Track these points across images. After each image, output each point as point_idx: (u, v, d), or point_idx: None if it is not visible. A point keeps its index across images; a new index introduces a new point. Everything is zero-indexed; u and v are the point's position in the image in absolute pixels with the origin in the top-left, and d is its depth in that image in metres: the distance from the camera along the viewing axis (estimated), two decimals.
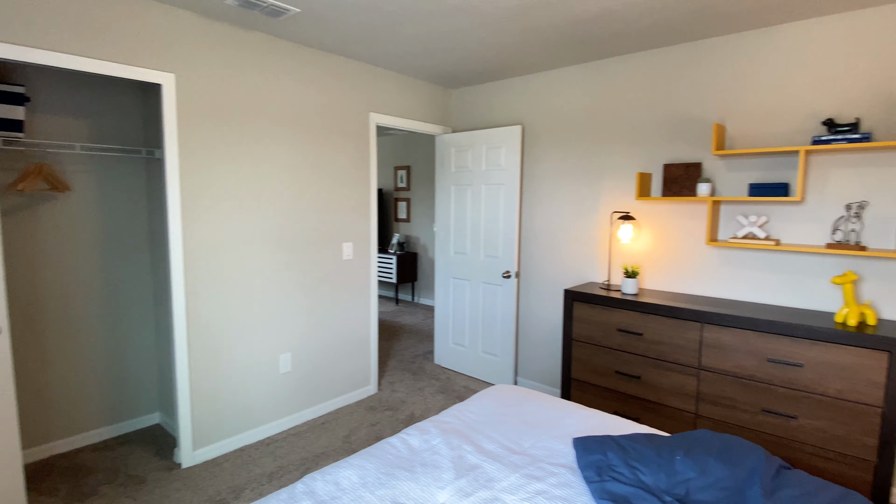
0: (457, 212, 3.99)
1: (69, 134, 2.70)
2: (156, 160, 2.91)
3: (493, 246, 3.74)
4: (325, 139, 3.18)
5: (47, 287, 2.68)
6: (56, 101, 2.65)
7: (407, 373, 4.10)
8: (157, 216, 2.94)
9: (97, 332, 2.88)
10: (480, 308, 3.88)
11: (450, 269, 4.08)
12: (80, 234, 2.77)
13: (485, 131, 3.72)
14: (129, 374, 3.03)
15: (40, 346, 2.68)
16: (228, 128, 2.70)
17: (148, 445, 2.87)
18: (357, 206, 3.43)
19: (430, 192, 6.58)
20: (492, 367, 3.84)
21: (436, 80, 3.83)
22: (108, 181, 2.86)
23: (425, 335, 5.24)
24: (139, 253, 3.02)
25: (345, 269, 3.39)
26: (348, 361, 3.47)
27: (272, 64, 2.86)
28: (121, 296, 2.96)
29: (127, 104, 2.91)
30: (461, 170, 3.92)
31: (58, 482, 2.49)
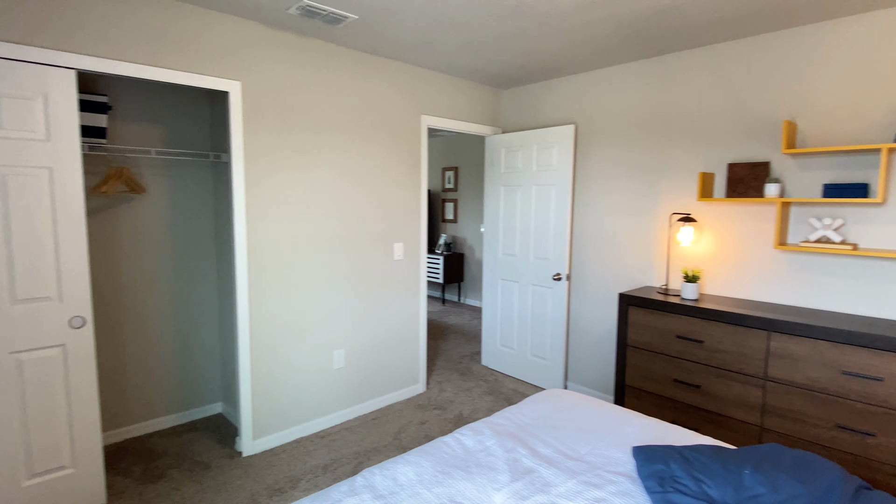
0: (506, 213, 3.97)
1: (145, 140, 2.89)
2: (222, 164, 3.07)
3: (544, 247, 3.69)
4: (378, 142, 3.25)
5: (124, 282, 2.89)
6: (134, 109, 2.85)
7: (454, 373, 4.12)
8: (223, 217, 3.11)
9: (168, 325, 3.07)
10: (529, 310, 3.85)
11: (498, 270, 4.07)
12: (153, 233, 2.97)
13: (536, 131, 3.69)
14: (195, 366, 3.21)
15: (117, 337, 2.89)
16: (288, 132, 2.81)
17: (212, 433, 3.03)
18: (408, 207, 3.48)
19: (477, 193, 6.58)
20: (541, 371, 3.79)
21: (486, 81, 3.83)
22: (179, 184, 3.05)
23: (472, 336, 5.24)
24: (205, 251, 3.19)
25: (396, 269, 3.45)
26: (398, 359, 3.53)
27: (329, 70, 2.96)
28: (188, 292, 3.14)
29: (196, 111, 3.09)
30: (511, 170, 3.90)
31: (132, 464, 2.68)
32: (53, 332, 2.13)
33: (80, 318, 2.19)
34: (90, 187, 2.69)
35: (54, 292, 2.12)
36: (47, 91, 2.05)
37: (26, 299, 2.05)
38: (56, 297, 2.13)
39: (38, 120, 2.04)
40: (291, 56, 2.79)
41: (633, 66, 3.25)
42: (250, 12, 2.50)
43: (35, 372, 2.10)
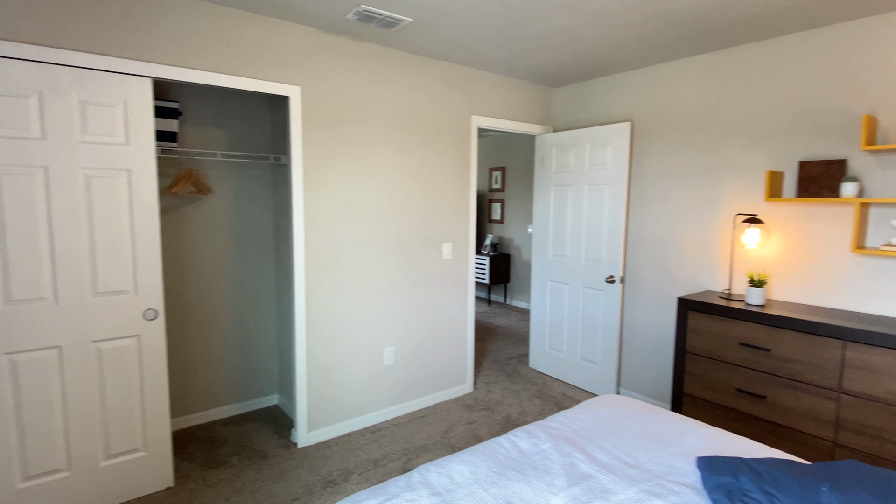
0: (556, 213, 3.91)
1: (211, 143, 3.05)
2: (281, 166, 3.19)
3: (596, 249, 3.61)
4: (428, 143, 3.28)
5: (191, 278, 3.05)
6: (201, 114, 3.01)
7: (502, 374, 4.10)
8: (281, 216, 3.23)
9: (229, 319, 3.22)
10: (580, 313, 3.77)
11: (547, 271, 4.01)
12: (217, 232, 3.13)
13: (589, 129, 3.61)
14: (254, 359, 3.35)
15: (184, 329, 3.06)
16: (343, 134, 2.89)
17: (268, 424, 3.15)
18: (457, 207, 3.50)
19: (525, 193, 6.52)
20: (591, 376, 3.71)
21: (538, 80, 3.79)
22: (241, 185, 3.19)
23: (519, 338, 5.20)
24: (265, 249, 3.33)
25: (444, 269, 3.47)
26: (446, 358, 3.55)
27: (382, 73, 3.01)
28: (249, 288, 3.29)
29: (258, 115, 3.22)
30: (562, 170, 3.83)
31: (196, 450, 2.83)
32: (129, 324, 2.28)
33: (153, 310, 2.33)
34: (162, 188, 2.87)
35: (131, 286, 2.27)
36: (127, 98, 2.20)
37: (106, 292, 2.21)
38: (132, 290, 2.28)
39: (118, 125, 2.19)
40: (347, 60, 2.86)
41: (694, 60, 3.12)
42: (310, 19, 2.58)
43: (113, 360, 2.26)
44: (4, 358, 2.02)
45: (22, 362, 2.05)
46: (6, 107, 1.94)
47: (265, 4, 2.40)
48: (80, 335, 2.16)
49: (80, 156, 2.10)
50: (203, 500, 2.35)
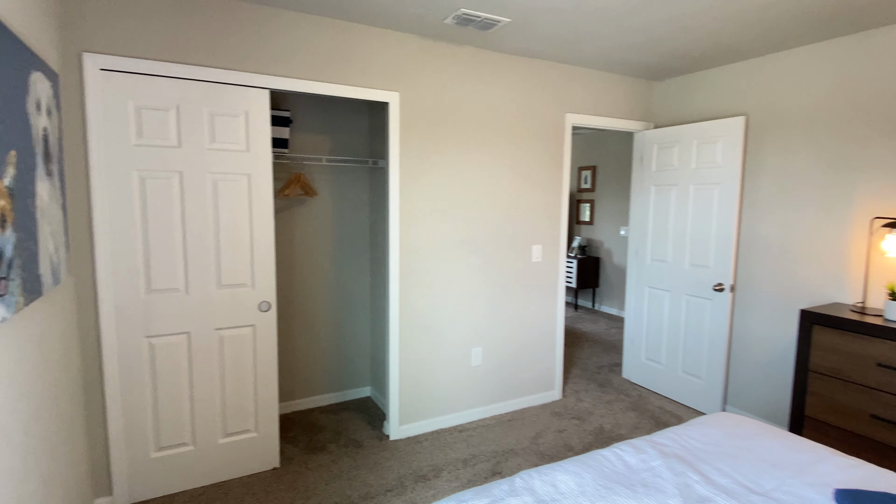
0: (656, 215, 3.69)
1: (315, 148, 3.25)
2: (377, 169, 3.32)
3: (703, 254, 3.35)
4: (520, 143, 3.24)
5: (296, 274, 3.27)
6: (307, 122, 3.21)
7: (592, 383, 3.94)
8: (376, 217, 3.36)
9: (328, 314, 3.41)
10: (682, 322, 3.52)
11: (645, 277, 3.80)
12: (320, 231, 3.32)
13: (696, 125, 3.36)
14: (349, 352, 3.52)
15: (289, 321, 3.28)
16: (437, 137, 2.94)
17: (362, 414, 3.29)
18: (548, 208, 3.42)
19: (617, 193, 6.23)
20: (694, 390, 3.45)
21: (637, 74, 3.60)
22: (341, 188, 3.36)
23: (609, 345, 4.97)
24: (361, 249, 3.48)
25: (533, 271, 3.41)
26: (534, 363, 3.48)
27: (476, 75, 3.02)
28: (346, 284, 3.45)
29: (356, 121, 3.38)
30: (664, 168, 3.61)
31: (298, 434, 3.02)
32: (246, 314, 2.49)
33: (267, 302, 2.52)
34: (275, 192, 3.10)
35: (249, 280, 2.48)
36: (248, 109, 2.40)
37: (228, 285, 2.43)
38: (250, 283, 2.48)
39: (240, 134, 2.40)
40: (443, 64, 2.91)
41: (820, 47, 2.78)
42: (410, 26, 2.66)
43: (232, 347, 2.47)
44: (144, 341, 2.29)
45: (158, 345, 2.31)
46: (152, 119, 2.20)
47: (369, 14, 2.51)
48: (206, 323, 2.40)
49: (209, 162, 2.33)
50: (305, 483, 2.50)
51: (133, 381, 2.27)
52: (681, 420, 3.29)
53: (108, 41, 2.10)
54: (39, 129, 1.58)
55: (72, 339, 2.03)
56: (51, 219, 1.70)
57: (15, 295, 1.29)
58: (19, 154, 1.36)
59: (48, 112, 1.71)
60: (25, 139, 1.43)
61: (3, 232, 1.22)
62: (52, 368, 1.71)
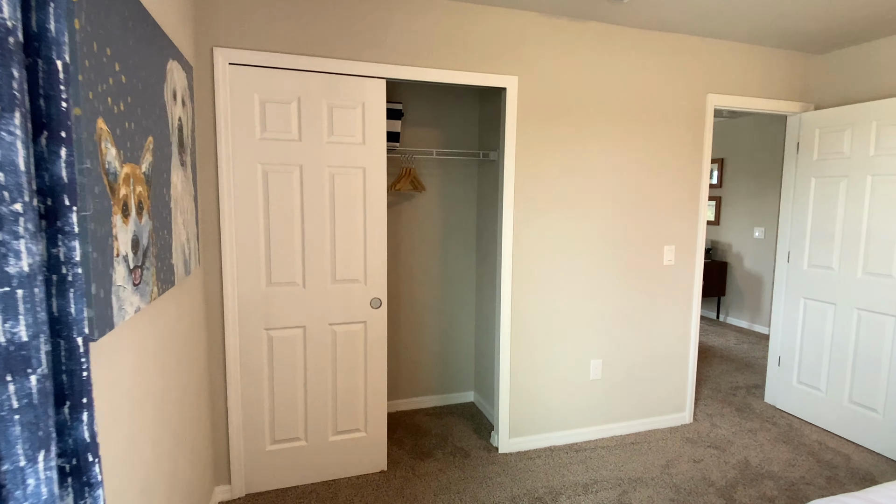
0: (818, 212, 3.09)
1: (425, 142, 3.14)
2: (487, 163, 3.14)
3: (884, 260, 2.73)
4: (651, 129, 2.86)
5: (403, 272, 3.19)
6: (418, 115, 3.12)
7: (728, 407, 3.42)
8: (484, 214, 3.17)
9: (434, 313, 3.30)
10: (852, 342, 2.90)
11: (800, 285, 3.20)
12: (427, 228, 3.21)
13: (877, 104, 2.74)
14: (453, 354, 3.37)
15: (395, 319, 3.21)
16: (557, 125, 2.68)
17: (467, 421, 3.13)
18: (683, 204, 2.99)
19: (750, 189, 5.47)
20: (865, 425, 2.82)
21: (794, 45, 3.04)
22: (449, 182, 3.23)
23: (742, 363, 4.33)
24: (467, 247, 3.32)
25: (664, 276, 3.00)
26: (661, 380, 3.07)
27: (602, 54, 2.71)
28: (452, 283, 3.31)
29: (466, 113, 3.22)
30: (830, 156, 3.01)
31: (404, 436, 2.92)
32: (359, 310, 2.43)
33: (378, 299, 2.44)
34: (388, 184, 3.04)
35: (361, 275, 2.41)
36: (365, 100, 2.33)
37: (342, 280, 2.38)
38: (362, 279, 2.42)
39: (357, 126, 2.33)
40: (565, 43, 2.64)
41: None
42: (530, 2, 2.43)
43: (344, 343, 2.42)
44: (264, 334, 2.30)
45: (276, 338, 2.32)
46: (276, 112, 2.21)
47: None
48: (321, 317, 2.37)
49: (327, 155, 2.30)
50: (413, 491, 2.38)
51: (252, 373, 2.30)
52: (849, 460, 2.70)
53: (237, 36, 2.13)
54: (175, 118, 1.59)
55: (199, 328, 2.08)
56: (183, 209, 1.73)
57: (149, 284, 1.27)
58: (156, 141, 1.35)
59: (182, 102, 1.74)
60: (162, 127, 1.43)
61: (139, 219, 1.19)
62: (182, 357, 1.74)
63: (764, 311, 5.36)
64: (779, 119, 5.14)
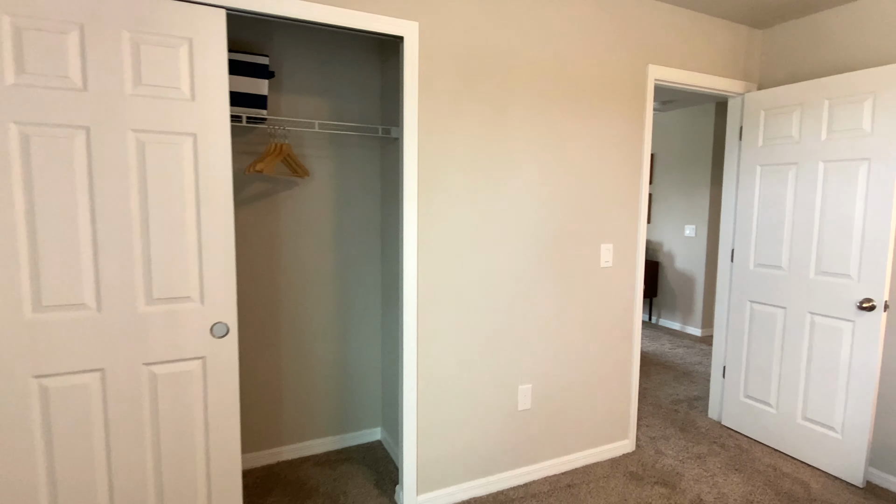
0: (765, 204, 2.74)
1: (309, 112, 2.44)
2: (392, 142, 2.50)
3: (839, 258, 2.40)
4: (587, 104, 2.36)
5: (283, 285, 2.47)
6: (298, 78, 2.41)
7: (671, 426, 3.01)
8: (390, 210, 2.53)
9: (327, 336, 2.60)
10: (805, 351, 2.57)
11: (746, 287, 2.85)
12: (315, 226, 2.51)
13: (829, 80, 2.41)
14: (354, 384, 2.70)
15: (272, 348, 2.48)
16: (474, 92, 2.10)
17: (368, 469, 2.46)
18: (621, 195, 2.53)
19: (681, 186, 5.25)
20: (822, 445, 2.49)
21: (735, 17, 2.68)
22: (346, 167, 2.55)
23: (680, 372, 4.01)
24: (370, 251, 2.66)
25: (602, 280, 2.52)
26: (601, 403, 2.59)
27: (530, 8, 2.17)
28: (350, 299, 2.64)
29: (366, 79, 2.57)
30: (777, 141, 2.67)
31: (280, 500, 2.21)
32: (192, 342, 1.69)
33: (224, 325, 1.72)
34: (244, 167, 2.30)
35: (195, 292, 1.68)
36: (192, 36, 1.61)
37: (164, 299, 1.63)
38: (197, 297, 1.68)
39: (180, 73, 1.61)
40: None
41: None
42: None
43: (170, 390, 1.67)
44: (33, 384, 1.51)
45: (54, 390, 1.53)
46: (41, 44, 1.43)
47: None
48: (131, 355, 1.60)
49: (132, 113, 1.55)
50: None
51: (11, 448, 1.49)
52: (809, 489, 2.34)
53: None
54: None
55: None
56: None
57: None
58: None
59: None
60: None
61: None
62: None
63: (696, 313, 5.16)
64: (708, 111, 4.95)
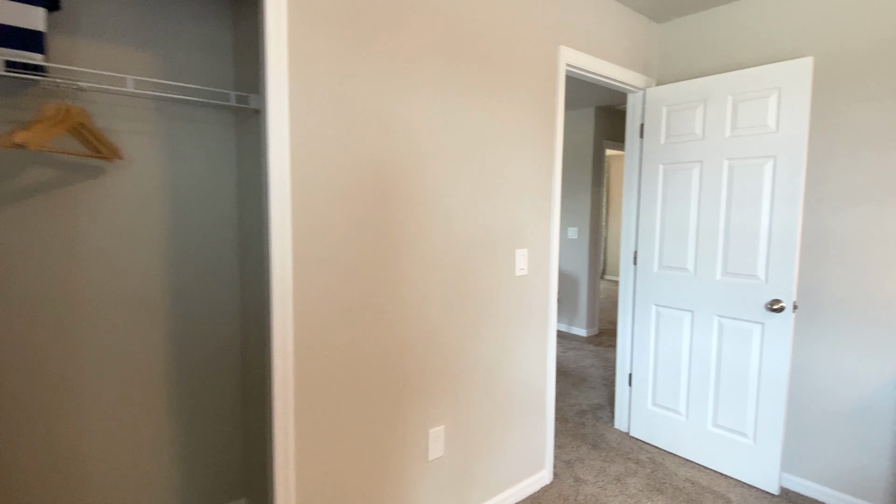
0: (669, 204, 2.64)
1: (120, 66, 1.69)
2: (251, 115, 1.84)
3: (746, 258, 2.34)
4: (496, 83, 1.98)
5: (78, 317, 1.67)
6: (102, 16, 1.65)
7: (583, 444, 2.78)
8: (250, 210, 1.87)
9: (162, 379, 1.84)
10: (714, 355, 2.48)
11: (652, 291, 2.73)
12: (136, 235, 1.75)
13: (735, 75, 2.35)
14: (205, 442, 1.97)
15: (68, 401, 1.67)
16: (361, 60, 1.57)
17: None
18: (536, 192, 2.20)
19: (567, 186, 5.25)
20: (735, 453, 2.42)
21: (638, 6, 2.54)
22: (183, 149, 1.83)
23: (577, 377, 3.89)
24: (223, 259, 1.96)
25: (517, 291, 2.15)
26: (518, 435, 2.22)
27: None
28: (197, 330, 1.91)
29: (211, 30, 1.87)
30: (680, 139, 2.57)
31: None
32: None
33: None
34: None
35: None
36: None
37: None
38: None
39: None
40: None
41: None
42: None
43: None
44: None
45: None
46: None
47: None
48: None
49: None
50: None
51: None
52: (729, 502, 2.22)
53: None
54: None
55: None
56: None
57: None
58: None
59: None
60: None
61: None
62: None
63: (581, 313, 5.18)
64: (588, 115, 4.99)
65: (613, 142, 5.18)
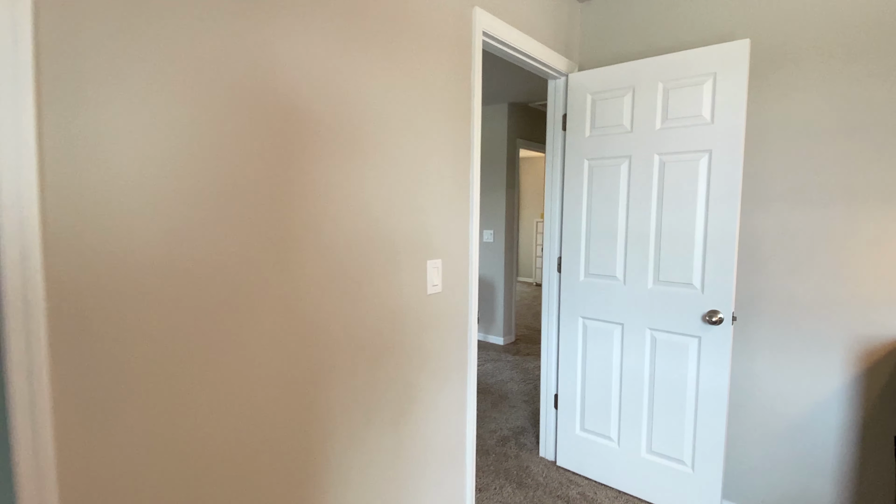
0: (595, 205, 2.34)
1: None
2: None
3: (681, 265, 2.09)
4: (397, 44, 1.51)
5: None
6: None
7: (507, 481, 2.40)
8: None
9: None
10: (647, 374, 2.22)
11: (578, 302, 2.42)
12: None
13: (661, 59, 2.09)
14: None
15: None
16: None
17: None
18: (451, 185, 1.76)
19: (485, 186, 4.92)
20: (672, 483, 2.16)
21: None
22: None
23: (497, 395, 3.54)
24: None
25: (429, 315, 1.70)
26: (430, 496, 1.77)
27: None
28: None
29: None
30: (607, 131, 2.28)
31: None
32: None
33: None
34: None
35: None
36: None
37: None
38: None
39: None
40: None
41: None
42: None
43: None
44: None
45: None
46: None
47: None
48: None
49: None
50: None
51: None
52: None
53: None
54: None
55: None
56: None
57: None
58: None
59: None
60: None
61: None
62: None
63: (498, 321, 4.88)
64: (501, 112, 4.71)
65: (527, 141, 4.95)
